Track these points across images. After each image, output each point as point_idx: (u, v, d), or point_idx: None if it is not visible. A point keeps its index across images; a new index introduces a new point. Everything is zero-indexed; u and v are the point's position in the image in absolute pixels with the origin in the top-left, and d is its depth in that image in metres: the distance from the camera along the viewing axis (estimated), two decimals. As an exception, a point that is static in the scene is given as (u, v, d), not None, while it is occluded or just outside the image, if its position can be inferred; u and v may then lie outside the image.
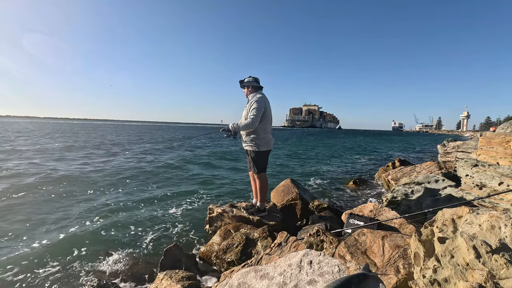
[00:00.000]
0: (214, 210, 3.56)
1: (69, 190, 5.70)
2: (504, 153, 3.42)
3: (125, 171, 8.07)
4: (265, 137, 3.26)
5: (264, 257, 2.12)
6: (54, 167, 8.20)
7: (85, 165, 8.96)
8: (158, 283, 2.18)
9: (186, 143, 18.67)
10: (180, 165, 9.64)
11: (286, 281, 1.35)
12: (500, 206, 2.92)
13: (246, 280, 1.42)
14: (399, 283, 1.63)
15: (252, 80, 3.28)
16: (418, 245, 1.60)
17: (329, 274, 1.33)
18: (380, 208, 2.97)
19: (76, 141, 18.00)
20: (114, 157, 11.28)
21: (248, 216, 3.37)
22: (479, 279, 1.23)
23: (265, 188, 3.43)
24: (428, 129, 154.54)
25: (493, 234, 1.34)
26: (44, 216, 4.22)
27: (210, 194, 5.85)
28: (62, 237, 3.49)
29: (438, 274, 1.41)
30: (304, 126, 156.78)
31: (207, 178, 7.51)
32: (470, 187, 3.59)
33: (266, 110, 3.20)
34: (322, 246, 2.11)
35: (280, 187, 4.49)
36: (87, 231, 3.68)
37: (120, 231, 3.72)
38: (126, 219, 4.14)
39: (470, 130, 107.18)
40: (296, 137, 37.71)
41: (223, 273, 2.18)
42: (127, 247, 3.30)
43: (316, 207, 4.00)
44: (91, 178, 6.93)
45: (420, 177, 4.88)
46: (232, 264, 2.63)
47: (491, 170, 3.45)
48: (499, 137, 3.62)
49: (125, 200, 5.18)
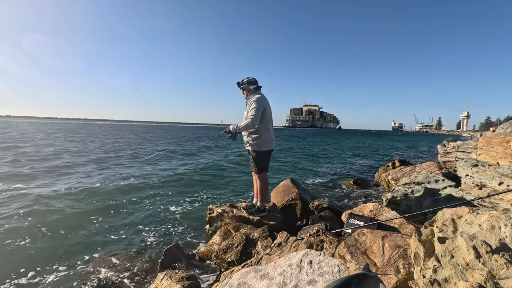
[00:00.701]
0: (214, 210, 3.56)
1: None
2: (504, 153, 3.42)
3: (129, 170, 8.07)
4: (266, 137, 3.27)
5: (264, 257, 2.12)
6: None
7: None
8: (158, 283, 2.18)
9: (187, 144, 18.67)
10: (180, 165, 9.65)
11: (286, 281, 1.35)
12: (500, 206, 2.92)
13: (246, 280, 1.42)
14: (399, 283, 1.63)
15: (250, 81, 3.29)
16: (418, 245, 1.60)
17: (329, 274, 1.33)
18: (380, 208, 2.97)
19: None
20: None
21: (248, 216, 3.37)
22: (479, 279, 1.23)
23: (265, 188, 3.43)
24: (428, 129, 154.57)
25: (493, 234, 1.34)
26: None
27: (210, 194, 5.85)
28: (62, 236, 3.49)
29: (438, 274, 1.41)
30: (304, 126, 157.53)
31: (207, 178, 7.51)
32: (470, 187, 3.59)
33: (266, 110, 3.21)
34: (322, 246, 2.11)
35: (280, 187, 4.49)
36: (87, 230, 3.68)
37: (120, 231, 3.72)
38: (126, 219, 4.14)
39: (470, 130, 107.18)
40: (296, 137, 37.72)
41: (223, 273, 2.19)
42: (127, 247, 3.30)
43: (316, 207, 4.00)
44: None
45: (420, 177, 4.88)
46: (232, 264, 2.63)
47: (491, 170, 3.45)
48: (499, 137, 3.62)
49: (125, 200, 5.18)
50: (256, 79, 3.32)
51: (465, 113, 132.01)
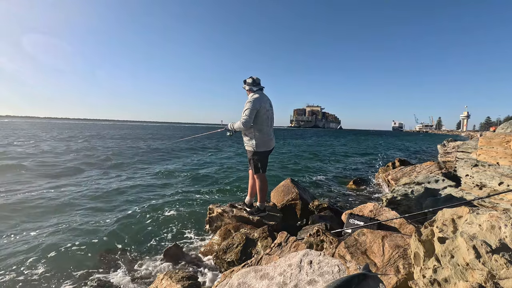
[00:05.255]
0: (214, 210, 3.56)
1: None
2: (504, 153, 3.42)
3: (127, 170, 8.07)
4: (262, 137, 3.22)
5: (264, 257, 2.12)
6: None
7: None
8: (158, 283, 2.18)
9: (187, 144, 18.68)
10: (180, 164, 9.64)
11: (286, 281, 1.35)
12: (500, 206, 2.92)
13: (246, 280, 1.42)
14: (399, 283, 1.63)
15: (251, 82, 3.27)
16: (418, 245, 1.60)
17: (329, 274, 1.33)
18: (380, 208, 2.97)
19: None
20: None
21: (248, 216, 3.37)
22: (479, 279, 1.23)
23: (264, 188, 3.43)
24: (428, 129, 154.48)
25: (493, 234, 1.34)
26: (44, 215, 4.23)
27: (210, 194, 5.85)
28: (62, 236, 3.49)
29: (438, 274, 1.41)
30: (307, 127, 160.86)
31: (207, 178, 7.51)
32: (470, 187, 3.59)
33: (261, 111, 3.15)
34: (322, 246, 2.11)
35: (280, 187, 4.48)
36: (87, 230, 3.68)
37: (120, 231, 3.71)
38: (125, 219, 4.14)
39: (470, 130, 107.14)
40: (299, 137, 37.79)
41: (223, 273, 2.18)
42: (127, 247, 3.30)
43: (316, 207, 3.99)
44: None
45: (420, 177, 4.88)
46: (232, 264, 2.63)
47: (491, 170, 3.44)
48: (499, 137, 3.62)
49: (125, 200, 5.18)
50: (257, 79, 3.30)
51: (465, 113, 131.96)
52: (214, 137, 25.24)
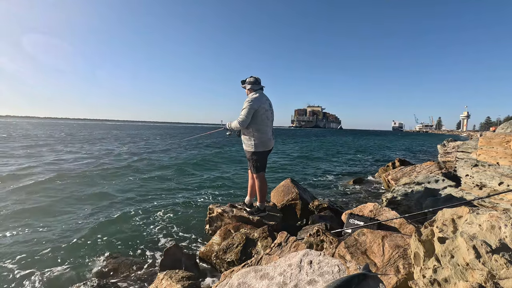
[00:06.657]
0: (214, 210, 3.56)
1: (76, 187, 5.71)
2: (504, 153, 3.42)
3: (127, 171, 8.08)
4: (261, 137, 3.19)
5: (264, 257, 2.12)
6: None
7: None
8: (158, 283, 2.18)
9: (187, 143, 18.70)
10: (180, 165, 9.64)
11: (286, 281, 1.35)
12: (500, 206, 2.92)
13: (246, 280, 1.42)
14: (399, 283, 1.63)
15: (253, 80, 3.26)
16: (418, 245, 1.60)
17: (329, 274, 1.33)
18: (380, 208, 2.97)
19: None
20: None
21: (248, 216, 3.37)
22: (479, 279, 1.23)
23: (264, 188, 3.42)
24: (428, 129, 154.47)
25: (493, 234, 1.34)
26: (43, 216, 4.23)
27: (210, 194, 5.85)
28: (62, 236, 3.49)
29: (438, 274, 1.41)
30: (308, 126, 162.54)
31: (207, 178, 7.51)
32: (470, 187, 3.59)
33: (260, 111, 3.12)
34: (322, 246, 2.11)
35: (280, 187, 4.48)
36: (86, 230, 3.68)
37: (120, 231, 3.71)
38: (125, 219, 4.14)
39: (470, 130, 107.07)
40: (300, 137, 37.78)
41: (223, 273, 2.18)
42: (127, 247, 3.30)
43: (316, 207, 3.99)
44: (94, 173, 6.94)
45: (420, 177, 4.88)
46: (232, 264, 2.63)
47: (491, 170, 3.44)
48: (499, 137, 3.62)
49: (124, 200, 5.18)
50: (257, 79, 3.28)
51: (465, 113, 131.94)
52: (214, 136, 25.25)
